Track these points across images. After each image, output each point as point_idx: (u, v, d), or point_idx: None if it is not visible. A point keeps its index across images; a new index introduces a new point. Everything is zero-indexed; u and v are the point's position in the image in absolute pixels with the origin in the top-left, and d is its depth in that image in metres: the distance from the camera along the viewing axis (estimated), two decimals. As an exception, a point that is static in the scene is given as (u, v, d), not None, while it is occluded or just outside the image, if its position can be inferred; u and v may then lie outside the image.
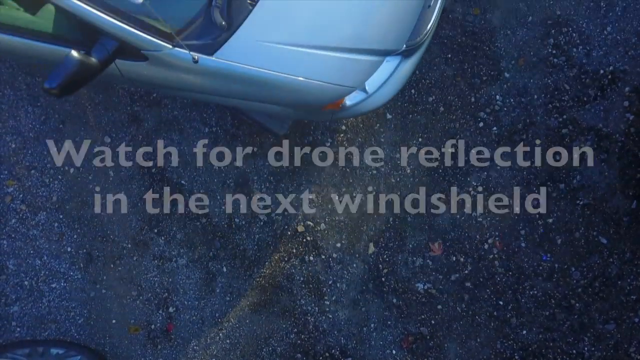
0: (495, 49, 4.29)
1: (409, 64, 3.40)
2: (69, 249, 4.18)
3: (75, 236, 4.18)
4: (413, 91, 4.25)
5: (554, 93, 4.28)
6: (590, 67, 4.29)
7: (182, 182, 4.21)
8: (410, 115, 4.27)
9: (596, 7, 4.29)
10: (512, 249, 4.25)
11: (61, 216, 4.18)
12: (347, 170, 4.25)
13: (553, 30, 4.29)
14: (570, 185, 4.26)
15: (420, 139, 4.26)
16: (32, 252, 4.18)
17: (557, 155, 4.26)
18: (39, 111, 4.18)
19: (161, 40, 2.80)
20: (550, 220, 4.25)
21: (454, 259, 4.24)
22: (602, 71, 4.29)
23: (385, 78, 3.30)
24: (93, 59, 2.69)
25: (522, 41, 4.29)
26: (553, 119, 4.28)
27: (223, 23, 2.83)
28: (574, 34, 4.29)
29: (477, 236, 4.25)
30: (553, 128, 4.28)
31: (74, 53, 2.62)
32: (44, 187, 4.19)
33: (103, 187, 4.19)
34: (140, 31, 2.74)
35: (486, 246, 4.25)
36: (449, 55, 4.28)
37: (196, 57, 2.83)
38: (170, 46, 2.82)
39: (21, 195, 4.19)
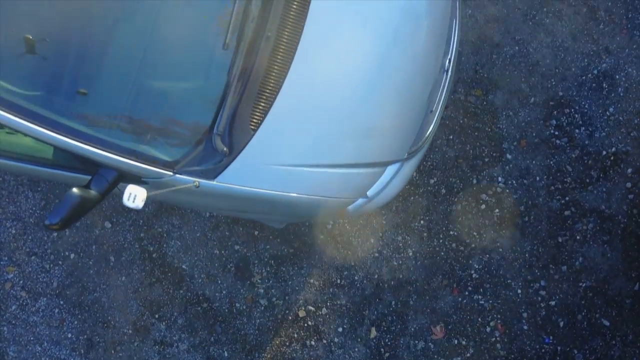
0: (497, 130, 4.27)
1: (410, 167, 3.39)
2: (69, 335, 4.17)
3: (75, 322, 4.17)
4: (414, 174, 4.23)
5: (557, 175, 4.26)
6: (593, 148, 4.27)
7: (184, 266, 4.20)
8: (412, 198, 4.25)
9: (598, 88, 4.27)
10: (514, 332, 4.24)
11: (62, 302, 4.17)
12: (349, 252, 4.23)
13: (555, 112, 4.27)
14: (573, 267, 4.25)
15: (422, 222, 4.25)
16: (32, 338, 4.17)
17: (559, 237, 4.24)
18: (39, 196, 4.16)
19: (162, 169, 2.78)
20: (553, 303, 4.24)
21: (456, 342, 4.23)
22: (604, 152, 4.27)
23: (386, 182, 3.28)
24: (93, 192, 2.67)
25: (524, 122, 4.27)
26: (555, 200, 4.26)
27: (224, 149, 2.81)
28: (576, 115, 4.27)
29: (479, 319, 4.23)
30: (555, 210, 4.26)
31: (75, 190, 2.60)
32: (44, 273, 4.17)
33: (104, 272, 4.18)
34: (141, 163, 2.72)
35: (488, 329, 4.24)
36: (451, 137, 4.26)
37: (197, 183, 2.82)
38: (171, 173, 2.80)
39: (21, 282, 4.17)
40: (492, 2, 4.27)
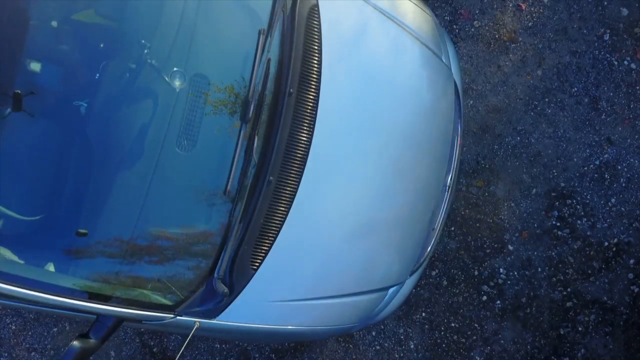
0: (498, 222, 4.25)
1: (411, 283, 3.38)
2: None
3: (76, 418, 4.15)
4: (416, 266, 4.21)
5: (558, 266, 4.24)
6: (595, 239, 4.25)
7: (184, 361, 4.19)
8: (414, 290, 4.23)
9: (600, 178, 4.25)
10: None
11: (62, 398, 4.15)
12: (350, 346, 4.21)
13: (557, 203, 4.25)
14: (575, 359, 4.23)
15: (423, 314, 4.23)
16: None
17: (561, 329, 4.23)
18: (38, 292, 4.14)
19: (162, 313, 2.76)
20: (555, 395, 4.23)
21: None
22: (606, 243, 4.25)
23: (387, 302, 3.27)
24: (93, 340, 2.66)
25: (526, 213, 4.25)
26: (557, 292, 4.24)
27: (225, 290, 2.80)
28: (578, 206, 4.25)
29: (481, 411, 4.22)
30: (557, 301, 4.24)
31: (75, 343, 2.59)
32: (44, 369, 4.16)
33: (104, 367, 4.17)
34: (142, 310, 2.71)
35: (490, 421, 4.23)
36: (452, 228, 4.24)
37: (198, 324, 2.80)
38: (172, 316, 2.79)
39: (22, 378, 4.16)
40: (493, 92, 4.25)
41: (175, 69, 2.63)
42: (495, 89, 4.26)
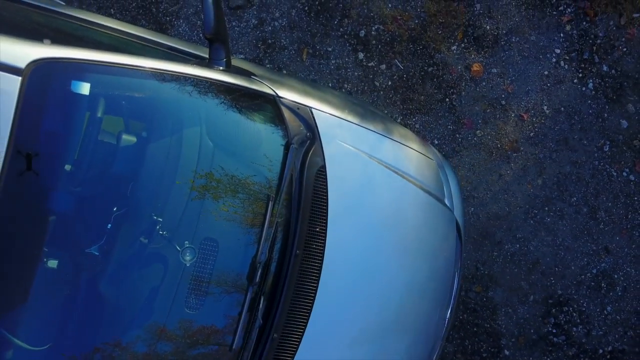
0: (496, 327, 4.34)
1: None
2: None
3: None
4: (414, 369, 4.30)
5: (553, 371, 4.34)
6: (590, 346, 4.34)
7: None
8: (411, 392, 4.32)
9: (597, 287, 4.34)
10: None
11: None
12: None
13: (554, 310, 4.34)
14: None
15: (420, 416, 4.32)
16: None
17: None
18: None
19: None
20: None
21: None
22: (601, 351, 4.34)
23: None
24: None
25: (523, 319, 4.34)
26: (552, 397, 4.34)
27: None
28: (575, 313, 4.34)
29: None
30: (551, 406, 4.34)
31: None
32: None
33: None
34: None
35: None
36: (450, 332, 4.33)
37: None
38: None
39: None
40: (494, 200, 4.33)
41: (186, 242, 2.71)
42: (496, 197, 4.34)
